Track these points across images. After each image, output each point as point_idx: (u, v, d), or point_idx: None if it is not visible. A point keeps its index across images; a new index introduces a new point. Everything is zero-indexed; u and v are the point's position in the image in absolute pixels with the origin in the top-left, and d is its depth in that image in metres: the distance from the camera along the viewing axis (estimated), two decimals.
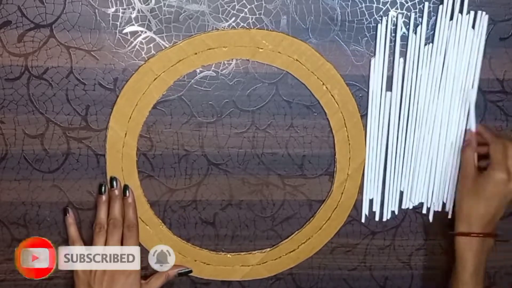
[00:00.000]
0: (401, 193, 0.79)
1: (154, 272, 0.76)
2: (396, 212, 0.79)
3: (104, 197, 0.73)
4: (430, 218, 0.80)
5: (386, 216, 0.79)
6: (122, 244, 0.72)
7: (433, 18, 0.74)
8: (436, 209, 0.79)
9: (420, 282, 0.83)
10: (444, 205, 0.79)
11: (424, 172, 0.77)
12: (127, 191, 0.73)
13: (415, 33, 0.74)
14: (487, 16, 0.74)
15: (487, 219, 0.72)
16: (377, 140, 0.76)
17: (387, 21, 0.73)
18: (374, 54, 0.74)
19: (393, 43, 0.74)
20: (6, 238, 0.74)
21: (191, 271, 0.77)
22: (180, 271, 0.76)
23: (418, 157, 0.77)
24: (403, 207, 0.79)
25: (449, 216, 0.80)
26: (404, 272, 0.82)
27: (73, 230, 0.74)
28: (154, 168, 0.74)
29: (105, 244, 0.71)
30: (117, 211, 0.72)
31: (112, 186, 0.73)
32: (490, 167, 0.70)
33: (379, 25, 0.73)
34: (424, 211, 0.80)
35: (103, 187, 0.73)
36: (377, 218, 0.79)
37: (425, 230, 0.81)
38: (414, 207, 0.80)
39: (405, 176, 0.78)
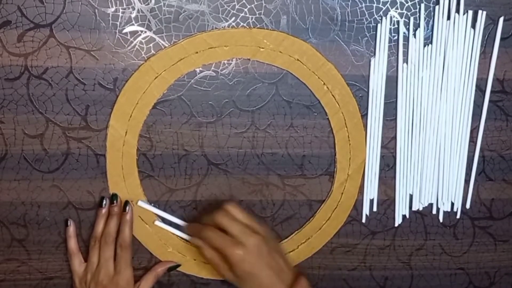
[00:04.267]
0: (411, 196, 0.79)
1: (144, 273, 0.75)
2: (408, 216, 0.79)
3: (103, 210, 0.73)
4: (441, 218, 0.80)
5: (398, 221, 0.79)
6: (116, 260, 0.71)
7: (432, 18, 0.74)
8: (445, 210, 0.80)
9: (420, 282, 0.83)
10: (452, 205, 0.80)
11: (431, 173, 0.77)
12: (127, 207, 0.73)
13: (414, 35, 0.74)
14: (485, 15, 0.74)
15: (271, 279, 0.67)
16: (377, 140, 0.76)
17: (386, 21, 0.73)
18: (374, 54, 0.74)
19: (393, 44, 0.74)
20: (6, 238, 0.74)
21: (179, 265, 0.77)
22: (169, 267, 0.76)
23: (425, 159, 0.77)
24: (413, 209, 0.79)
25: (458, 216, 0.80)
26: (404, 272, 0.82)
27: (72, 243, 0.74)
28: (154, 168, 0.74)
29: (98, 258, 0.71)
30: (112, 228, 0.72)
31: (112, 202, 0.73)
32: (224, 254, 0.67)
33: (378, 25, 0.73)
34: (421, 210, 0.80)
35: (104, 200, 0.73)
36: (388, 223, 0.79)
37: (425, 230, 0.81)
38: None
39: (414, 178, 0.78)
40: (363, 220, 0.79)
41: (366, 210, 0.79)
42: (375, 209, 0.79)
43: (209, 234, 0.68)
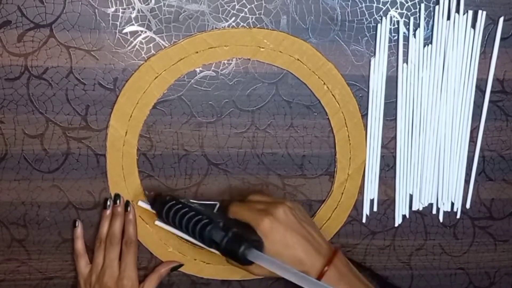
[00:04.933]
0: (411, 196, 0.79)
1: (145, 273, 0.75)
2: (408, 216, 0.79)
3: (108, 212, 0.73)
4: (441, 218, 0.80)
5: (398, 221, 0.79)
6: (120, 260, 0.71)
7: (432, 18, 0.74)
8: (445, 210, 0.80)
9: (420, 282, 0.83)
10: (452, 205, 0.80)
11: (431, 173, 0.78)
12: (129, 207, 0.73)
13: (414, 35, 0.74)
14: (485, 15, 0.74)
15: (307, 251, 0.65)
16: (377, 140, 0.77)
17: (386, 21, 0.73)
18: (374, 54, 0.74)
19: (393, 44, 0.74)
20: (6, 238, 0.74)
21: (182, 265, 0.77)
22: (172, 267, 0.76)
23: (425, 159, 0.77)
24: (413, 209, 0.79)
25: (458, 216, 0.80)
26: (404, 272, 0.82)
27: (79, 244, 0.73)
28: (154, 168, 0.74)
29: (103, 260, 0.71)
30: (117, 228, 0.72)
31: (115, 202, 0.73)
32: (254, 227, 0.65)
33: (378, 25, 0.73)
34: (421, 210, 0.80)
35: (108, 202, 0.73)
36: (388, 223, 0.79)
37: (425, 230, 0.81)
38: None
39: (414, 178, 0.78)
40: (363, 220, 0.79)
41: (366, 210, 0.79)
42: (375, 209, 0.79)
43: (235, 209, 0.68)
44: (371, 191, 0.78)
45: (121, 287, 0.70)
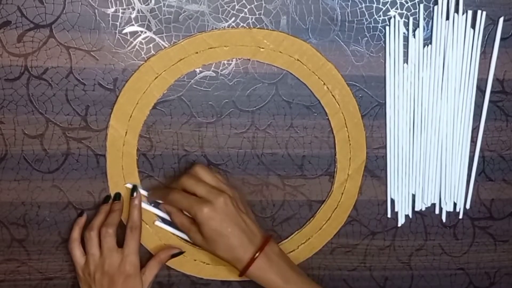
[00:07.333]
0: (413, 196, 0.79)
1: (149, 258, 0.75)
2: (410, 216, 0.79)
3: (107, 207, 0.73)
4: (443, 218, 0.80)
5: (401, 221, 0.79)
6: (123, 246, 0.71)
7: (432, 18, 0.74)
8: (448, 210, 0.80)
9: (420, 282, 0.83)
10: (455, 205, 0.80)
11: (434, 172, 0.78)
12: (135, 192, 0.73)
13: (414, 36, 0.74)
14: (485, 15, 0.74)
15: (241, 239, 0.68)
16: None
17: (394, 22, 0.73)
18: (385, 57, 0.74)
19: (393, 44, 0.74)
20: (6, 238, 0.74)
21: (183, 252, 0.76)
22: (172, 253, 0.75)
23: (427, 159, 0.77)
24: (416, 209, 0.79)
25: (460, 216, 0.80)
26: (404, 273, 0.82)
27: (76, 232, 0.72)
28: (154, 168, 0.74)
29: (100, 250, 0.70)
30: (115, 219, 0.72)
31: (115, 200, 0.73)
32: (191, 215, 0.68)
33: (387, 28, 0.73)
34: (423, 210, 0.80)
35: (108, 199, 0.74)
36: (388, 223, 0.79)
37: (425, 231, 0.81)
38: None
39: (416, 178, 0.78)
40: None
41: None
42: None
43: (175, 197, 0.69)
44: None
45: (123, 273, 0.70)
